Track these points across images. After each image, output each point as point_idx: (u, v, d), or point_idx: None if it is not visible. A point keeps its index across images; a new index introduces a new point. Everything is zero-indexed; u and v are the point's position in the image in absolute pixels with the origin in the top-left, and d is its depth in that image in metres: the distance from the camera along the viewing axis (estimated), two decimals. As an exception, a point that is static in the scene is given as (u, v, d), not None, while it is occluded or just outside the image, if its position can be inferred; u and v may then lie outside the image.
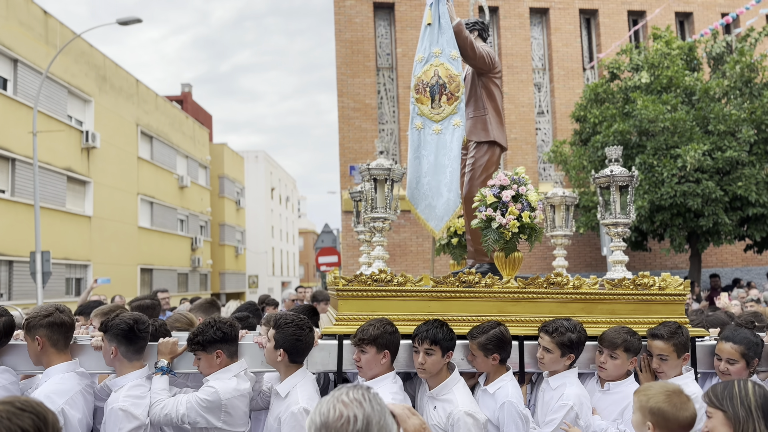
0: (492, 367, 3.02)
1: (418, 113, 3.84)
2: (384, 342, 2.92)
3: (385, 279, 3.25)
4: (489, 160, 4.09)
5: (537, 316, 3.22)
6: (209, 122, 36.83)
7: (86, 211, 20.38)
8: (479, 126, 4.12)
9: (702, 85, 11.50)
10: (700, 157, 10.39)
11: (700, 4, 16.18)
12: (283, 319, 2.96)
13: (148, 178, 24.80)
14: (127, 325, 2.95)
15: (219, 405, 2.86)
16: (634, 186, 3.63)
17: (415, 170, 3.84)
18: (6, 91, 16.73)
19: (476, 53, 4.03)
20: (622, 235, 3.67)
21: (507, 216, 3.22)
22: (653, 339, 3.03)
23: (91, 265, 20.28)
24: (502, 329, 3.03)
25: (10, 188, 16.79)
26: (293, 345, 2.92)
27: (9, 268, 16.59)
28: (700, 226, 11.06)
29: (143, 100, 24.95)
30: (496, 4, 15.58)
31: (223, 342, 2.98)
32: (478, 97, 4.17)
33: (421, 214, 3.81)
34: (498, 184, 3.33)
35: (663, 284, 3.31)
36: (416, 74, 3.87)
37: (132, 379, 2.95)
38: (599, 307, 3.28)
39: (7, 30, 16.61)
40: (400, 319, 3.15)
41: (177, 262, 27.47)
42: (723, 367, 2.98)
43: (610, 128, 11.58)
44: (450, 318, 3.18)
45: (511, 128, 15.31)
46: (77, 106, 20.36)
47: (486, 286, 3.26)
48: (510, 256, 3.34)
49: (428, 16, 3.89)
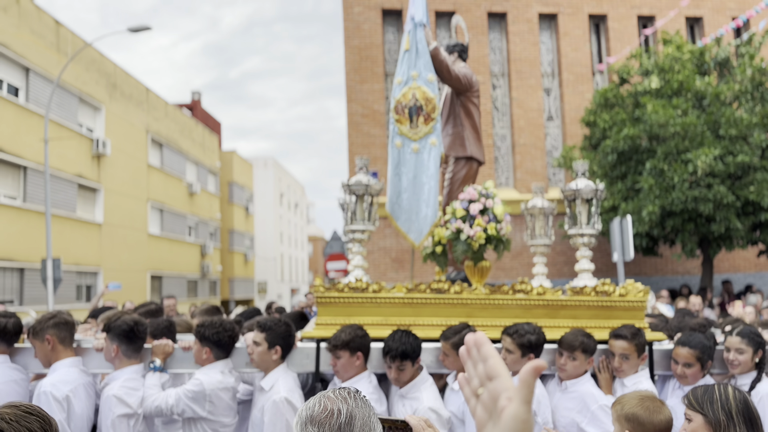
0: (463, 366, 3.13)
1: (398, 132, 4.09)
2: (356, 345, 3.16)
3: (360, 287, 3.50)
4: (467, 174, 4.39)
5: (503, 321, 3.41)
6: (218, 129, 37.00)
7: (96, 218, 20.48)
8: (457, 142, 4.41)
9: (713, 89, 11.43)
10: (712, 161, 10.31)
11: (710, 8, 16.10)
12: (271, 320, 3.29)
13: (157, 185, 24.92)
14: (128, 326, 3.29)
15: (204, 395, 3.13)
16: (599, 199, 3.88)
17: (395, 186, 4.07)
18: (18, 99, 16.88)
19: (452, 75, 4.32)
20: (587, 245, 3.90)
21: (474, 228, 3.45)
22: (616, 339, 3.22)
23: (101, 271, 20.37)
24: (472, 330, 3.17)
25: (22, 195, 16.92)
26: (287, 341, 3.26)
27: (20, 274, 16.69)
28: (712, 232, 10.97)
29: (153, 108, 25.10)
30: (505, 10, 15.58)
31: (213, 343, 3.28)
32: (457, 115, 4.47)
33: (401, 227, 4.05)
34: (467, 198, 3.56)
35: (623, 291, 3.51)
36: (395, 96, 4.11)
37: (128, 373, 3.27)
38: (562, 313, 3.49)
39: (19, 39, 16.77)
40: (375, 324, 3.40)
41: (186, 269, 27.55)
42: (680, 370, 3.16)
43: (620, 133, 11.52)
44: (421, 323, 3.44)
45: (520, 133, 15.28)
46: (88, 113, 20.51)
47: (455, 293, 3.49)
48: (478, 264, 3.55)
49: (407, 42, 4.16)
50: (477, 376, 0.93)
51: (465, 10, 15.43)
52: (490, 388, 0.89)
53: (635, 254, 12.26)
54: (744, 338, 3.25)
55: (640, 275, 14.66)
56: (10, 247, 16.10)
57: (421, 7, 4.23)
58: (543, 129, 15.44)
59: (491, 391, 0.89)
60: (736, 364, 3.24)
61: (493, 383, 0.89)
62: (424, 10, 4.27)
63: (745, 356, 3.23)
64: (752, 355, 3.23)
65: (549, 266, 14.71)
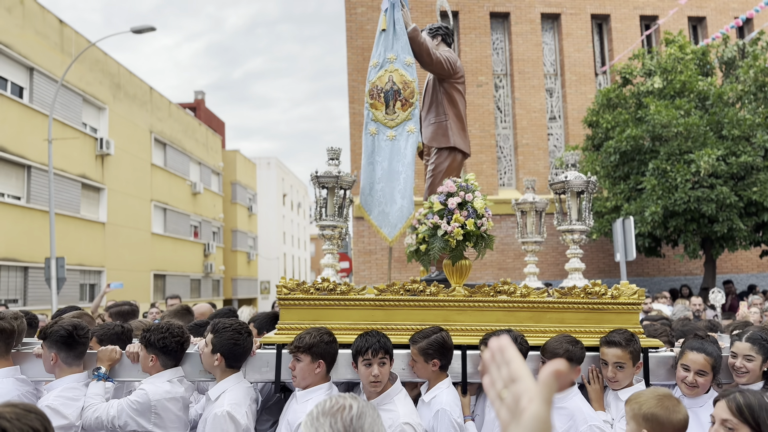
0: (432, 374, 2.95)
1: (372, 119, 3.81)
2: (319, 351, 2.87)
3: (327, 287, 3.20)
4: (449, 165, 4.07)
5: (483, 325, 3.13)
6: (222, 129, 37.06)
7: (100, 217, 20.55)
8: (440, 132, 4.09)
9: (716, 89, 11.42)
10: (714, 162, 10.31)
11: (713, 8, 16.07)
12: (221, 324, 2.98)
13: (161, 185, 24.99)
14: (66, 332, 3.00)
15: (149, 407, 2.88)
16: (591, 192, 3.55)
17: (368, 176, 3.79)
18: (22, 99, 16.95)
19: (433, 59, 3.98)
20: (578, 242, 3.60)
21: (452, 223, 3.15)
22: (609, 346, 2.93)
23: (104, 271, 20.43)
24: (444, 335, 2.96)
25: (26, 195, 16.98)
26: (230, 349, 2.94)
27: (24, 274, 16.75)
28: (715, 232, 10.96)
29: (157, 108, 25.16)
30: (508, 10, 15.58)
31: (158, 350, 3.01)
32: (439, 103, 4.13)
33: (375, 220, 3.76)
34: (445, 191, 3.27)
35: (616, 293, 3.21)
36: (371, 79, 3.83)
37: (67, 382, 3.00)
38: (548, 316, 3.18)
39: (23, 39, 16.84)
40: (343, 328, 3.10)
41: (190, 268, 27.62)
42: (692, 379, 2.85)
43: (622, 133, 11.52)
44: (393, 327, 3.14)
45: (523, 133, 15.28)
46: (92, 113, 20.57)
47: (431, 294, 3.19)
48: (457, 264, 3.25)
49: (383, 21, 3.86)
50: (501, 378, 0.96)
51: (468, 10, 15.43)
52: (513, 390, 0.92)
53: (638, 254, 12.26)
54: (754, 344, 2.94)
55: (642, 276, 14.66)
56: (15, 247, 16.17)
57: None
58: (545, 129, 15.44)
59: (514, 393, 0.92)
60: (743, 372, 2.94)
61: (516, 385, 0.93)
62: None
63: (754, 364, 2.93)
64: (761, 363, 2.93)
65: (556, 265, 14.75)
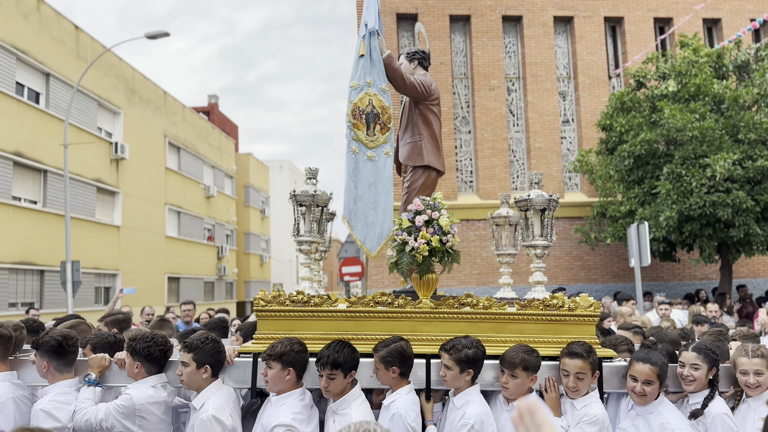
0: (392, 380, 3.13)
1: (354, 138, 3.98)
2: (289, 360, 3.06)
3: (302, 300, 3.39)
4: (423, 183, 4.31)
5: (447, 335, 3.30)
6: (235, 132, 37.26)
7: (115, 221, 20.74)
8: (415, 151, 4.31)
9: (731, 93, 11.30)
10: (730, 166, 10.19)
11: (728, 10, 15.92)
12: (196, 340, 3.16)
13: (175, 189, 25.17)
14: (56, 342, 3.26)
15: (133, 410, 3.09)
16: (552, 209, 3.75)
17: (351, 193, 3.97)
18: (39, 104, 17.15)
19: (407, 83, 4.20)
20: (540, 257, 3.78)
21: (419, 240, 3.33)
22: (571, 358, 3.07)
23: (119, 274, 20.61)
24: (403, 344, 3.14)
25: (42, 199, 17.18)
26: (216, 358, 3.17)
27: (40, 277, 16.94)
28: (731, 237, 10.84)
29: (171, 112, 25.36)
30: (520, 14, 15.54)
31: (143, 358, 3.22)
32: (415, 124, 4.35)
33: (358, 235, 3.95)
34: (413, 209, 3.45)
35: (573, 305, 3.37)
36: (352, 100, 4.00)
37: (60, 387, 3.26)
38: (509, 327, 3.36)
39: (39, 45, 17.04)
40: (316, 339, 3.28)
41: (203, 271, 27.78)
42: (639, 388, 3.00)
43: (636, 137, 11.44)
44: (363, 337, 3.33)
45: (536, 137, 15.21)
46: (107, 118, 20.77)
47: (399, 306, 3.38)
48: (424, 277, 3.42)
49: (361, 47, 4.06)
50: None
51: (480, 14, 15.40)
52: None
53: (652, 259, 12.15)
54: (700, 353, 3.13)
55: (657, 280, 14.52)
56: (31, 251, 16.36)
57: (373, 13, 4.13)
58: (558, 133, 15.36)
59: None
60: (690, 381, 3.12)
61: None
62: (377, 17, 4.16)
63: (700, 372, 3.11)
64: (707, 371, 3.12)
65: (565, 271, 14.67)
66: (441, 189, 14.83)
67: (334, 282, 56.79)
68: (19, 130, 16.04)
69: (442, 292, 4.32)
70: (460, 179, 15.37)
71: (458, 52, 15.76)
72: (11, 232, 15.63)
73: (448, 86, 15.20)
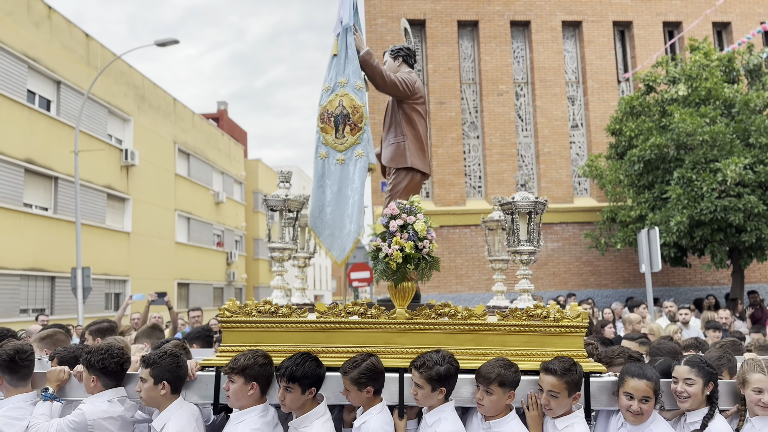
0: (366, 400, 2.93)
1: (323, 142, 3.84)
2: (253, 374, 2.89)
3: (269, 310, 3.20)
4: (407, 186, 4.08)
5: (424, 347, 3.07)
6: (244, 139, 37.43)
7: (125, 227, 20.85)
8: (398, 153, 4.10)
9: (742, 97, 11.22)
10: (741, 170, 10.11)
11: (738, 13, 15.82)
12: (154, 354, 3.02)
13: (184, 195, 25.29)
14: (8, 356, 3.14)
15: (85, 426, 2.98)
16: (539, 213, 3.51)
17: (318, 199, 3.83)
18: (50, 112, 17.30)
19: (386, 81, 3.97)
20: (526, 263, 3.54)
21: (392, 246, 3.12)
22: (546, 373, 2.85)
23: (129, 280, 20.70)
24: (374, 360, 2.94)
25: (53, 206, 17.30)
26: (175, 373, 2.99)
27: (51, 283, 17.05)
28: (743, 242, 10.75)
29: (180, 119, 25.51)
30: (528, 19, 15.52)
31: (99, 371, 3.10)
32: (398, 124, 4.14)
33: (324, 242, 3.79)
34: (388, 213, 3.25)
35: (559, 315, 3.13)
36: (322, 104, 3.86)
37: (14, 402, 3.13)
38: (490, 339, 3.12)
39: (50, 53, 17.20)
40: (284, 351, 3.08)
41: (213, 277, 27.87)
42: (636, 407, 2.77)
43: (646, 142, 11.37)
44: (334, 349, 3.12)
45: (545, 142, 15.17)
46: (117, 125, 20.92)
47: (372, 317, 3.18)
48: (399, 286, 3.20)
49: (335, 46, 3.89)
50: None
51: (488, 19, 15.40)
52: None
53: (663, 265, 12.06)
54: (693, 367, 2.88)
55: (668, 286, 14.41)
56: (42, 257, 16.47)
57: (348, 8, 3.91)
58: (567, 138, 15.31)
59: None
60: (684, 397, 2.87)
61: None
62: (352, 13, 3.93)
63: (694, 388, 2.86)
64: (702, 387, 2.86)
65: (574, 276, 14.58)
66: (450, 195, 14.85)
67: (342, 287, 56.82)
68: (30, 137, 16.19)
69: (450, 300, 4.17)
70: (469, 184, 15.34)
71: (466, 58, 15.75)
72: (22, 238, 15.74)
73: (457, 91, 15.19)
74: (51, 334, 4.13)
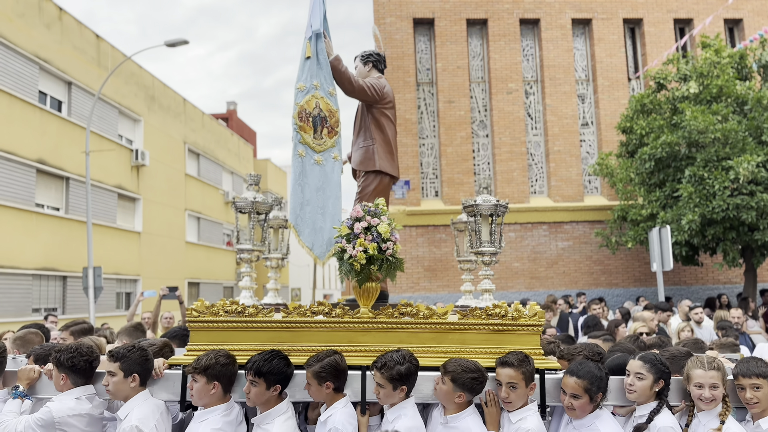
0: (326, 396, 3.02)
1: (301, 141, 3.88)
2: (215, 373, 2.95)
3: (236, 310, 3.28)
4: (375, 188, 4.18)
5: (387, 345, 3.18)
6: (253, 138, 37.54)
7: (136, 227, 20.97)
8: (367, 156, 4.19)
9: (754, 94, 11.11)
10: (754, 168, 10.02)
11: (750, 10, 15.69)
12: (122, 349, 3.09)
13: (195, 195, 25.40)
14: None
15: (52, 423, 3.02)
16: (500, 215, 3.63)
17: (297, 197, 3.87)
18: (61, 112, 17.43)
19: (354, 86, 4.07)
20: (488, 264, 3.66)
21: (356, 248, 3.21)
22: (503, 367, 2.97)
23: (140, 279, 20.82)
24: (337, 358, 3.03)
25: (65, 206, 17.43)
26: (144, 366, 3.08)
27: (63, 283, 17.17)
28: (755, 240, 10.65)
29: (190, 119, 25.62)
30: (537, 17, 15.45)
31: (68, 369, 3.15)
32: (367, 128, 4.24)
33: (305, 241, 3.85)
34: (353, 215, 3.33)
35: (516, 314, 3.25)
36: (298, 102, 3.89)
37: None
38: (450, 337, 3.23)
39: (61, 54, 17.32)
40: (250, 350, 3.15)
41: (223, 276, 27.99)
42: (567, 402, 2.91)
43: (657, 140, 11.29)
44: (300, 348, 3.19)
45: (555, 140, 15.10)
46: (127, 125, 21.04)
47: (336, 316, 3.27)
48: (363, 286, 3.30)
49: (307, 49, 3.95)
50: None
51: (497, 17, 15.35)
52: None
53: (675, 263, 11.98)
54: (646, 363, 2.98)
55: (679, 284, 14.31)
56: (54, 257, 16.59)
57: (318, 15, 4.02)
58: (578, 136, 15.23)
59: None
60: (632, 390, 2.98)
61: None
62: (322, 20, 4.04)
63: (643, 383, 2.96)
64: (652, 382, 2.96)
65: (585, 275, 14.50)
66: (459, 194, 14.79)
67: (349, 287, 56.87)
68: (41, 138, 16.31)
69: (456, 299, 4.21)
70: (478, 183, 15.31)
71: (475, 56, 15.71)
72: (34, 238, 15.87)
73: (466, 90, 15.16)
74: (23, 335, 4.17)
